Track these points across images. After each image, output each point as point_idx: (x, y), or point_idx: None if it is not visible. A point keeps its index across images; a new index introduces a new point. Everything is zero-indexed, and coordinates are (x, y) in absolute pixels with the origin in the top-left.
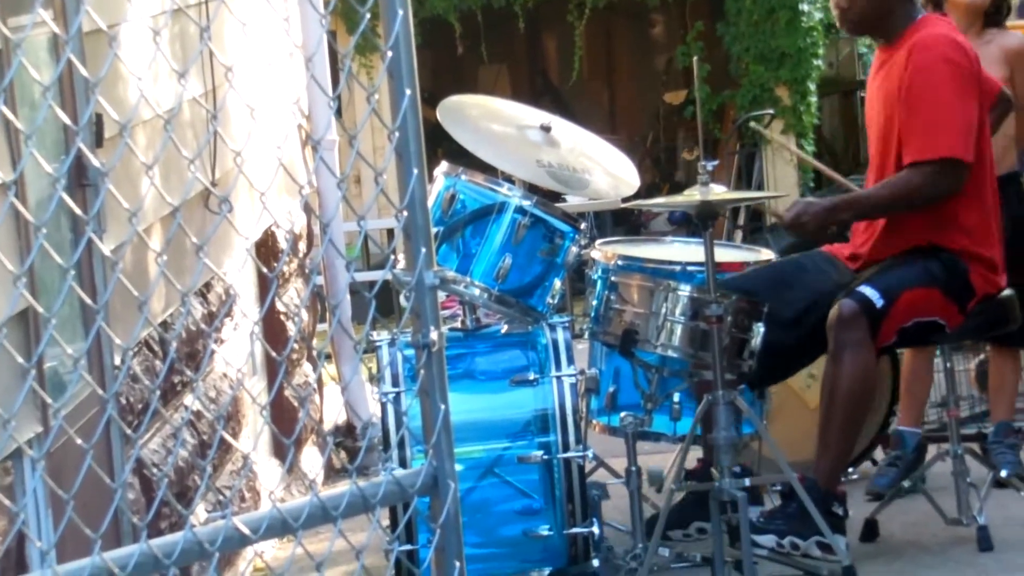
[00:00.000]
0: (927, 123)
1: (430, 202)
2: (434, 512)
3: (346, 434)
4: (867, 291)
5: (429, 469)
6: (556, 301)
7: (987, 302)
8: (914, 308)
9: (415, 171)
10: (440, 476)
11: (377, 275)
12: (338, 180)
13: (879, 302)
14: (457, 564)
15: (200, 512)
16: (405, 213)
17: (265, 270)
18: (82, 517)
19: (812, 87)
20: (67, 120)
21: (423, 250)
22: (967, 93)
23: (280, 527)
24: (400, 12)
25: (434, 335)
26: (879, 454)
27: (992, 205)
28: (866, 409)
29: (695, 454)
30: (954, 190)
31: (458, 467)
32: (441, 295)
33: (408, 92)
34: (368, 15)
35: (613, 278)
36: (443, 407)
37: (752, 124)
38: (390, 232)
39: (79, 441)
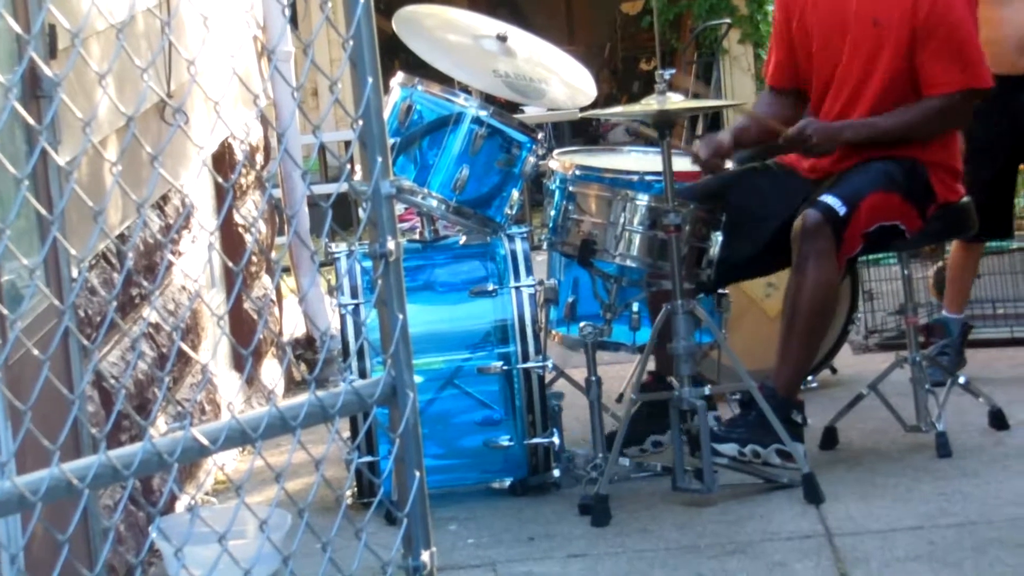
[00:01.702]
0: (957, 54)
1: (386, 113)
2: (393, 422)
3: (306, 346)
4: (830, 200)
5: (387, 379)
6: (514, 212)
7: (946, 208)
8: (876, 212)
9: (370, 80)
10: (399, 386)
11: (334, 187)
12: (293, 89)
13: (842, 210)
14: (417, 474)
15: (161, 425)
16: (360, 122)
17: (221, 181)
18: (41, 429)
19: None
20: (19, 29)
21: (379, 159)
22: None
23: (239, 438)
24: None
25: (391, 244)
26: (844, 360)
27: None
28: (828, 319)
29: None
30: (969, 120)
31: (418, 378)
32: (399, 207)
33: (361, 0)
34: None
35: (571, 188)
36: (401, 317)
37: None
38: (348, 145)
39: (36, 352)
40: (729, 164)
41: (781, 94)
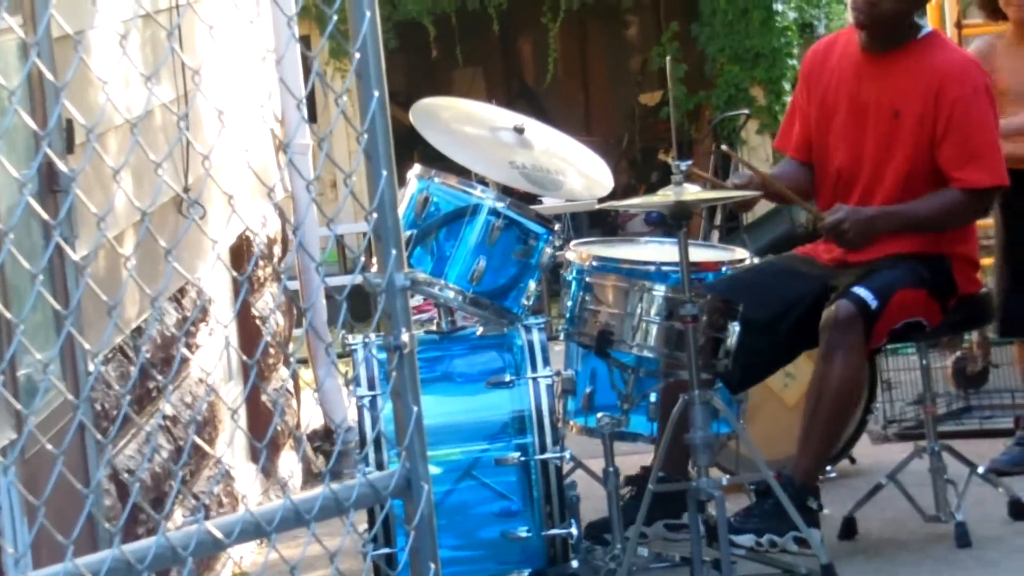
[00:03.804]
0: (982, 151)
1: (403, 205)
2: (408, 514)
3: (324, 438)
4: (862, 292)
5: (402, 471)
6: (531, 303)
7: (966, 300)
8: (904, 309)
9: (384, 173)
10: (413, 478)
11: (350, 279)
12: (307, 183)
13: (874, 303)
14: (432, 566)
15: (178, 518)
16: (375, 215)
17: (235, 274)
18: (58, 524)
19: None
20: (34, 126)
21: (393, 252)
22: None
23: (254, 531)
24: (367, 14)
25: (405, 337)
26: (863, 450)
27: None
28: (852, 410)
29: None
30: (985, 215)
31: (435, 470)
32: (418, 298)
33: (376, 93)
34: (336, 17)
35: (588, 279)
36: (415, 409)
37: (724, 148)
38: (365, 236)
39: (50, 447)
40: (746, 254)
41: (802, 165)
